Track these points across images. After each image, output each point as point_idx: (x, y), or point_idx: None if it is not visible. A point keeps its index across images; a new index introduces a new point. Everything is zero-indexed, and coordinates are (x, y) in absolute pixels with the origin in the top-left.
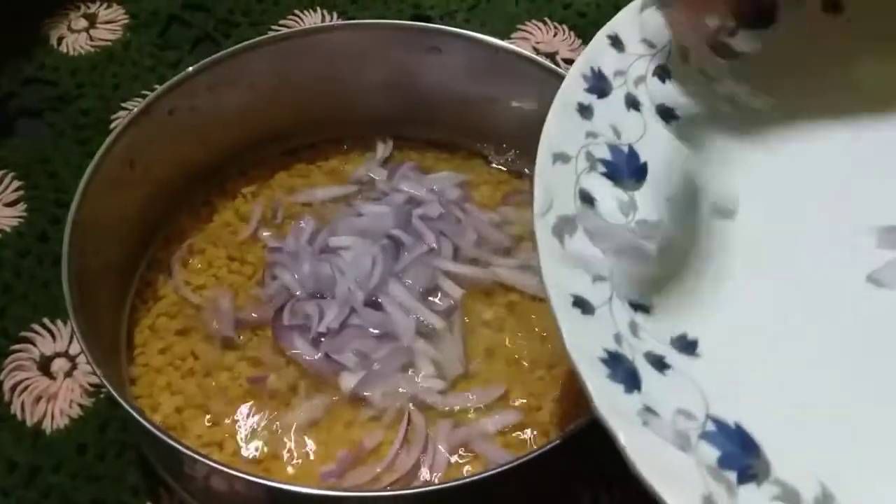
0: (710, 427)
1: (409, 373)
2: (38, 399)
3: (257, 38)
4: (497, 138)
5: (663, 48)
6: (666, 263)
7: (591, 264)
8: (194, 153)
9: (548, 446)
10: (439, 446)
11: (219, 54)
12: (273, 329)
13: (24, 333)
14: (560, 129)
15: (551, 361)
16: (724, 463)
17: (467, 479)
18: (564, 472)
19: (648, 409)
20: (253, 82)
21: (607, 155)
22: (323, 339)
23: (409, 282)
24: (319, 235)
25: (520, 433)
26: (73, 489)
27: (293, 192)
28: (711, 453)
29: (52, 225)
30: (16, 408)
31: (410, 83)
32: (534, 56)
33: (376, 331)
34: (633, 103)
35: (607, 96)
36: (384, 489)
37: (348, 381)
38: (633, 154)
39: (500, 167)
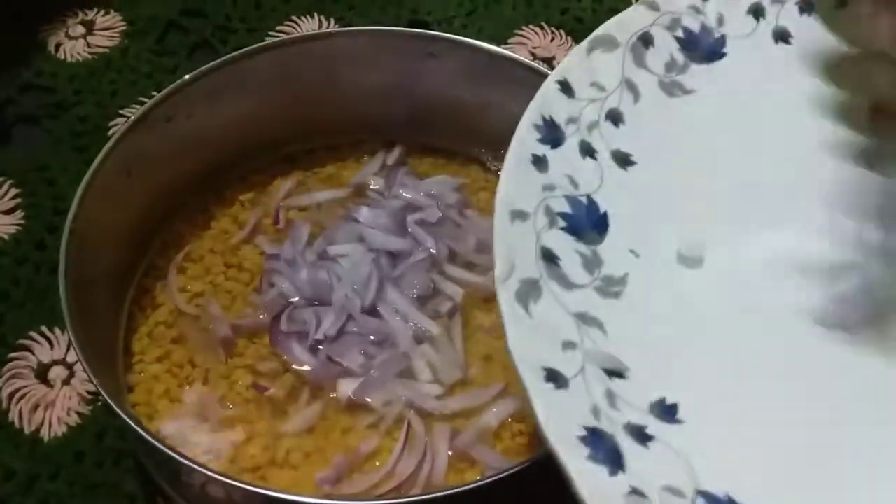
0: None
1: (408, 379)
2: (36, 407)
3: (255, 45)
4: (494, 144)
5: (614, 91)
6: (636, 321)
7: (559, 331)
8: (192, 160)
9: (546, 453)
10: (438, 452)
11: (216, 62)
12: (270, 336)
13: (21, 341)
14: (516, 184)
15: None
16: None
17: (466, 487)
18: (563, 479)
19: (635, 491)
20: (250, 89)
21: (566, 208)
22: (321, 346)
23: (407, 288)
24: (317, 242)
25: (519, 439)
26: (70, 497)
27: (291, 198)
28: None
29: (49, 233)
30: (13, 415)
31: (408, 89)
32: (529, 62)
33: (374, 337)
34: (588, 151)
35: (561, 145)
36: (383, 497)
37: (346, 388)
38: (592, 205)
39: (497, 172)
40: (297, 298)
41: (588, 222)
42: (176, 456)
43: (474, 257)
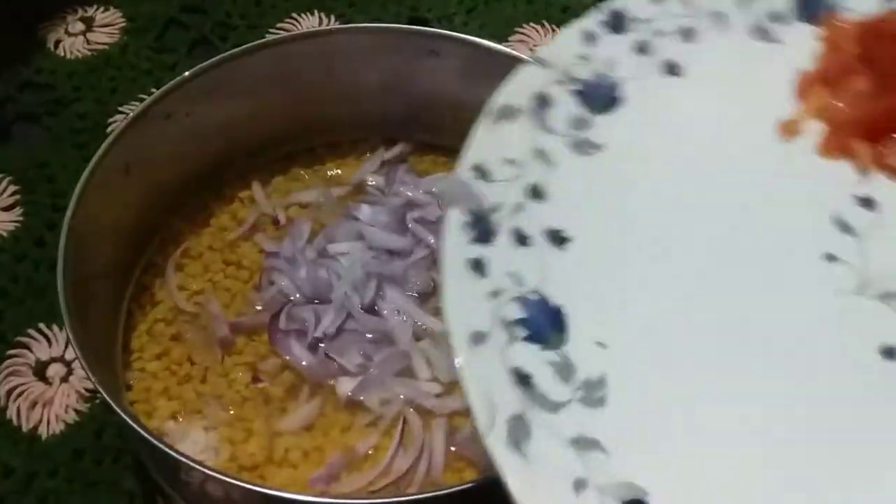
0: None
1: (407, 377)
2: (34, 404)
3: (254, 42)
4: None
5: (529, 163)
6: (633, 429)
7: (562, 469)
8: (191, 158)
9: None
10: (436, 451)
11: (215, 59)
12: (269, 334)
13: (20, 338)
14: (461, 299)
15: None
16: None
17: (464, 486)
18: None
19: None
20: (250, 87)
21: (521, 313)
22: (320, 344)
23: (407, 286)
24: (316, 240)
25: None
26: (69, 494)
27: (290, 195)
28: None
29: (48, 230)
30: (12, 413)
31: (408, 87)
32: (529, 59)
33: (373, 335)
34: (521, 239)
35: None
36: (378, 493)
37: (345, 386)
38: (543, 301)
39: None
40: (296, 296)
41: (546, 323)
42: (174, 454)
43: None
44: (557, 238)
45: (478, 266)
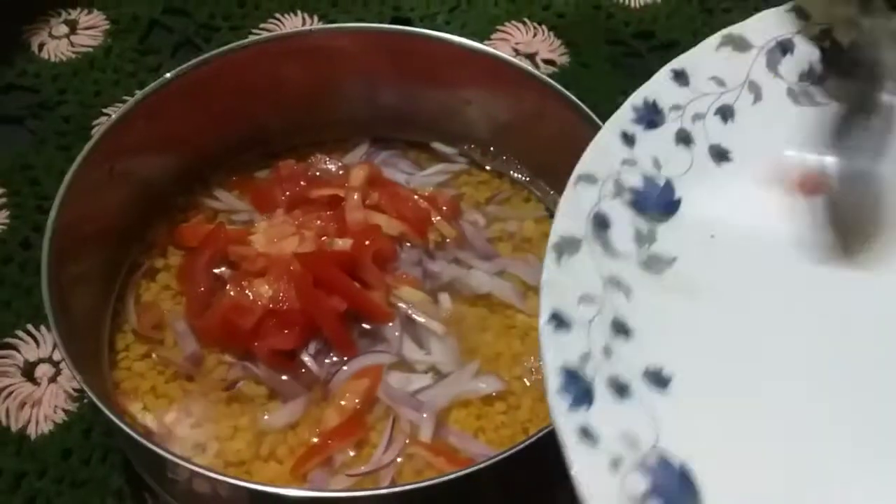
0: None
1: (395, 371)
2: (23, 405)
3: (236, 43)
4: (478, 140)
5: (735, 88)
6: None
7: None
8: (174, 158)
9: (526, 443)
10: (424, 442)
11: (195, 60)
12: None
13: (7, 340)
14: (594, 154)
15: (531, 361)
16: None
17: (450, 476)
18: (544, 470)
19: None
20: (233, 87)
21: (639, 184)
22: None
23: (396, 281)
24: None
25: (502, 430)
26: (57, 494)
27: None
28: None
29: (34, 232)
30: (0, 414)
31: (390, 86)
32: (510, 58)
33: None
34: (684, 139)
35: (657, 128)
36: (367, 487)
37: (333, 381)
38: (668, 188)
39: (482, 169)
40: None
41: (657, 202)
42: (161, 451)
43: (460, 252)
44: (720, 154)
45: (628, 139)
